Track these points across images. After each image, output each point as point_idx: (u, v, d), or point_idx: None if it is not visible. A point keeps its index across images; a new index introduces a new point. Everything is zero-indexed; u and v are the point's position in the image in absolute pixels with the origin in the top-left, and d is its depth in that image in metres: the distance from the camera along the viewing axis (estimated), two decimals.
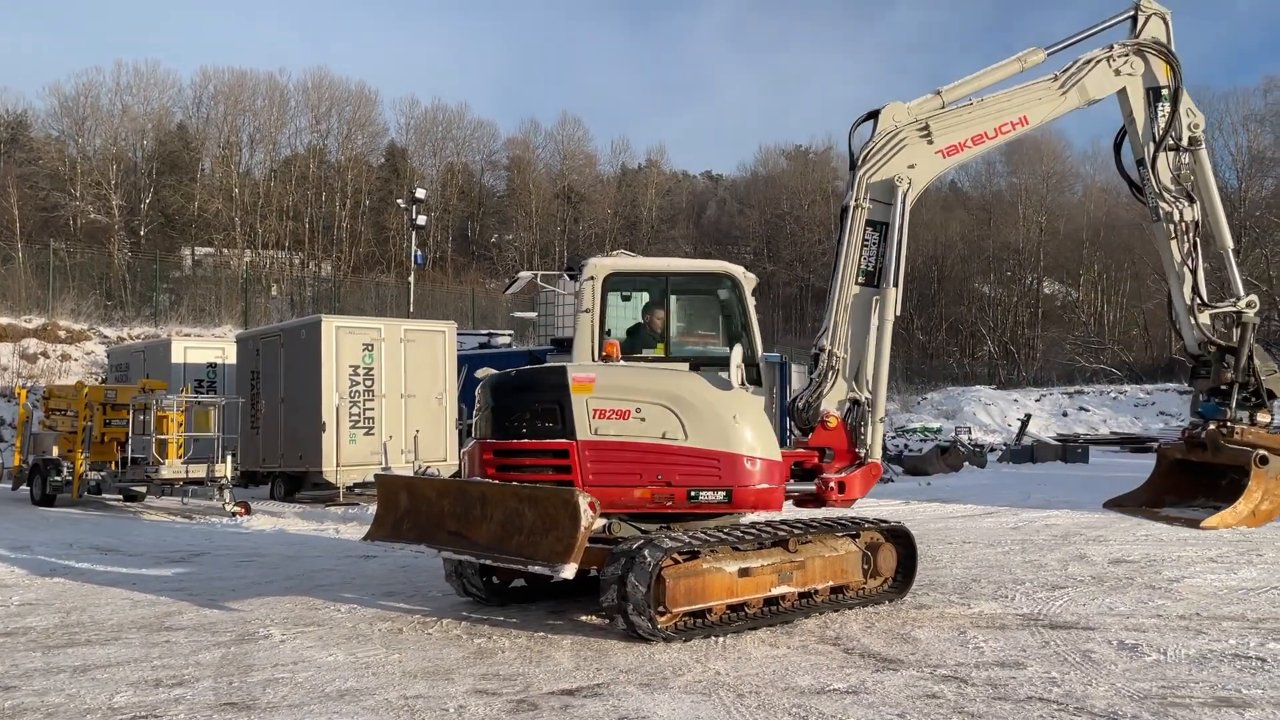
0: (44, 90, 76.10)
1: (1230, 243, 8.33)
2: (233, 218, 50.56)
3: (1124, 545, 11.65)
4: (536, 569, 6.58)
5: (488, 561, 7.12)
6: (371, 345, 17.12)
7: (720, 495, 7.15)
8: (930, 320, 56.57)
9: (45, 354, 27.13)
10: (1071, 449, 28.96)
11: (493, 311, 42.45)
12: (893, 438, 30.42)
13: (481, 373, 8.13)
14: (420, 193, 36.50)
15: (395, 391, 17.26)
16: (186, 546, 12.10)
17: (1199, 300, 8.08)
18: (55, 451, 17.37)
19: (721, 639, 6.83)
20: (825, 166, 64.41)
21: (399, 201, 41.44)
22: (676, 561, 6.78)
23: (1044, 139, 61.29)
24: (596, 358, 7.93)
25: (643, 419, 7.24)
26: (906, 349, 53.02)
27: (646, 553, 6.60)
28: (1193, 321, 8.10)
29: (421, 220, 35.73)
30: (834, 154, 65.74)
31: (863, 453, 7.74)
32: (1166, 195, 8.13)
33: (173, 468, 15.59)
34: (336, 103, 57.19)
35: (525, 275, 9.31)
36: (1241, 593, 8.47)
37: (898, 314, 8.00)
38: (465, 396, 19.38)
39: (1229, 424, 7.70)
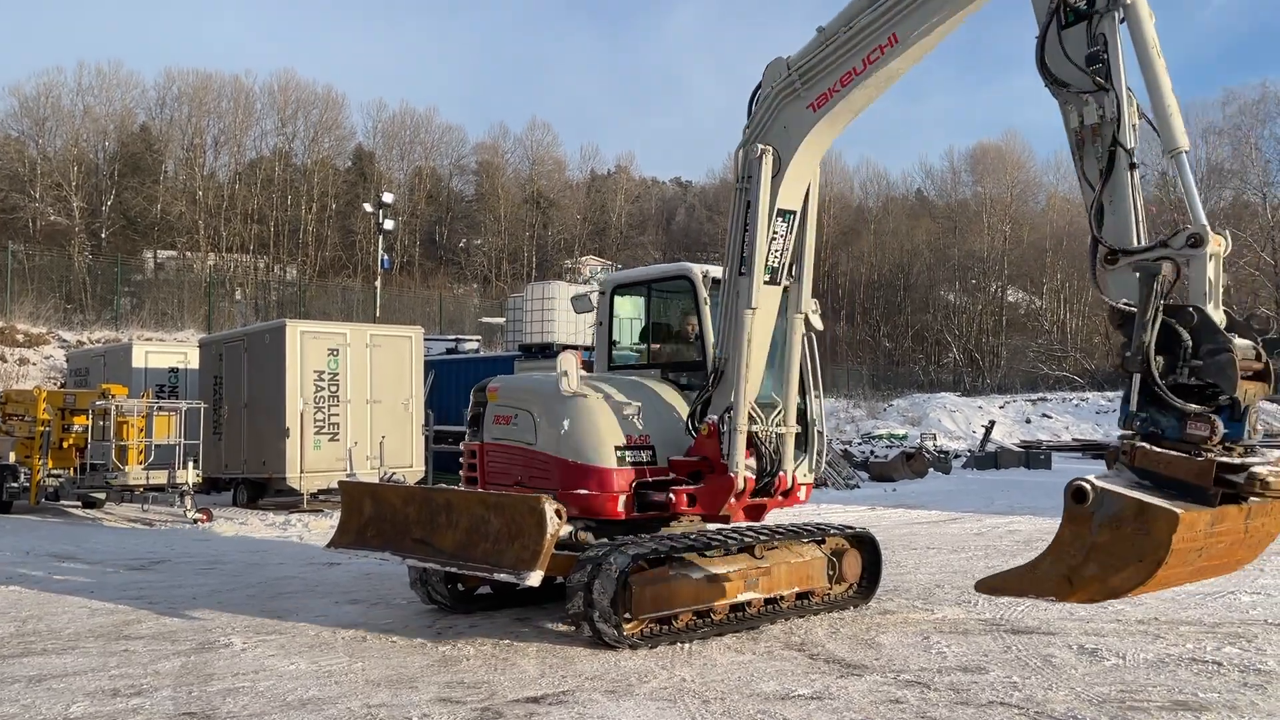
0: (3, 90, 74.88)
1: (1181, 143, 5.44)
2: (196, 220, 49.95)
3: None
4: (502, 576, 6.56)
5: (453, 569, 7.09)
6: (337, 350, 16.98)
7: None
8: (896, 327, 57.11)
9: (2, 358, 26.64)
10: (1035, 455, 29.29)
11: (460, 316, 42.28)
12: (859, 444, 30.61)
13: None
14: (388, 197, 36.25)
15: (361, 397, 17.13)
16: (147, 554, 11.92)
17: (1103, 246, 5.58)
18: (12, 457, 17.04)
19: (687, 646, 6.83)
20: None
21: (366, 205, 41.13)
22: (643, 568, 6.79)
23: (1008, 149, 62.23)
24: (607, 367, 8.52)
25: (516, 424, 7.91)
26: (874, 355, 53.50)
27: (613, 559, 6.60)
28: (1099, 278, 5.61)
29: (389, 224, 35.48)
30: None
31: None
32: (1067, 88, 5.74)
33: (133, 474, 15.36)
34: (303, 105, 56.75)
35: (589, 290, 9.01)
36: (1199, 598, 8.60)
37: (752, 307, 7.33)
38: (432, 402, 19.29)
39: (1133, 439, 4.98)
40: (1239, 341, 4.79)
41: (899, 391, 43.02)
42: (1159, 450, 4.80)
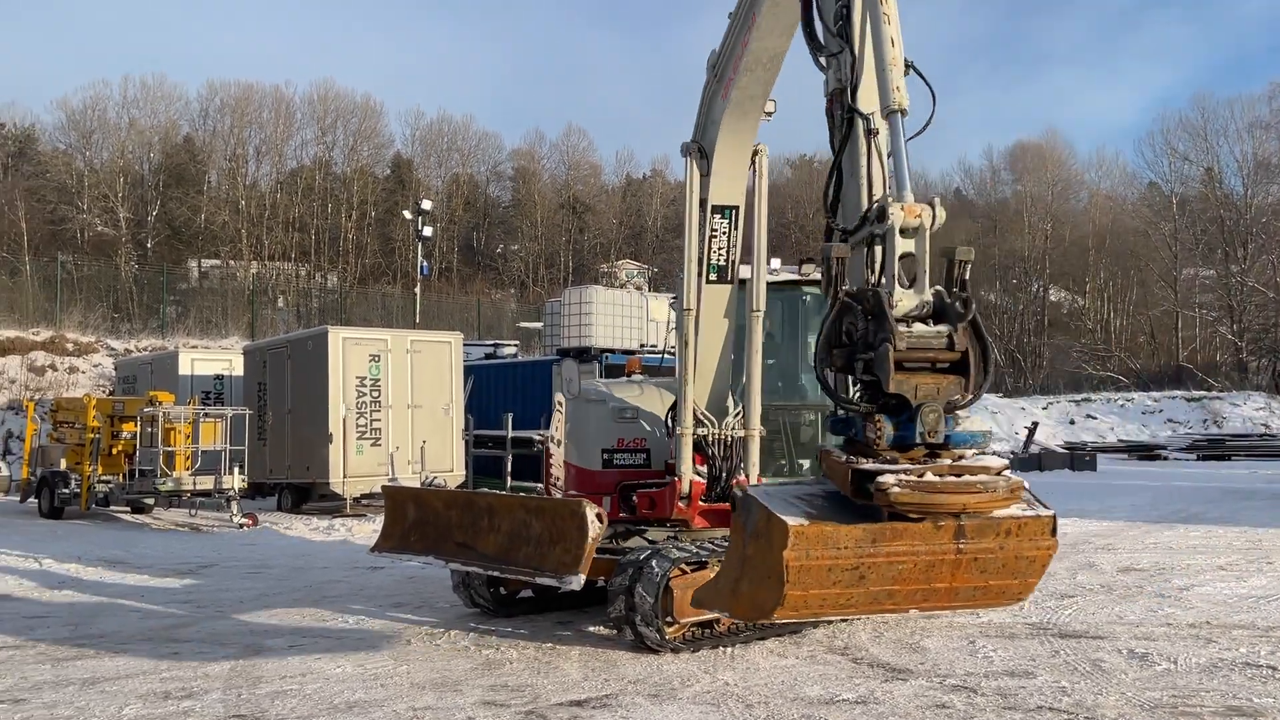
0: (51, 104, 76.56)
1: (893, 100, 4.78)
2: (239, 229, 50.70)
3: (1133, 553, 11.61)
4: (544, 580, 6.58)
5: (495, 573, 7.14)
6: (378, 356, 17.15)
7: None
8: None
9: (53, 366, 27.20)
10: (1079, 457, 28.87)
11: (498, 321, 42.50)
12: None
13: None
14: (426, 204, 36.60)
15: (402, 402, 17.28)
16: (195, 558, 12.11)
17: (832, 226, 5.21)
18: (63, 464, 17.41)
19: (729, 649, 6.81)
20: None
21: (405, 213, 41.55)
22: (684, 572, 6.78)
23: (1049, 146, 61.44)
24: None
25: (559, 427, 8.36)
26: None
27: (654, 563, 6.60)
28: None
29: (427, 231, 35.82)
30: None
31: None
32: (821, 52, 5.46)
33: (181, 479, 15.61)
34: (342, 114, 57.44)
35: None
36: (1252, 601, 8.42)
37: (687, 308, 7.27)
38: (472, 406, 19.42)
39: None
40: (919, 329, 4.22)
41: None
42: (831, 458, 4.43)
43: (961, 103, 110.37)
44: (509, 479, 17.88)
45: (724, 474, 7.44)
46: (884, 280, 4.38)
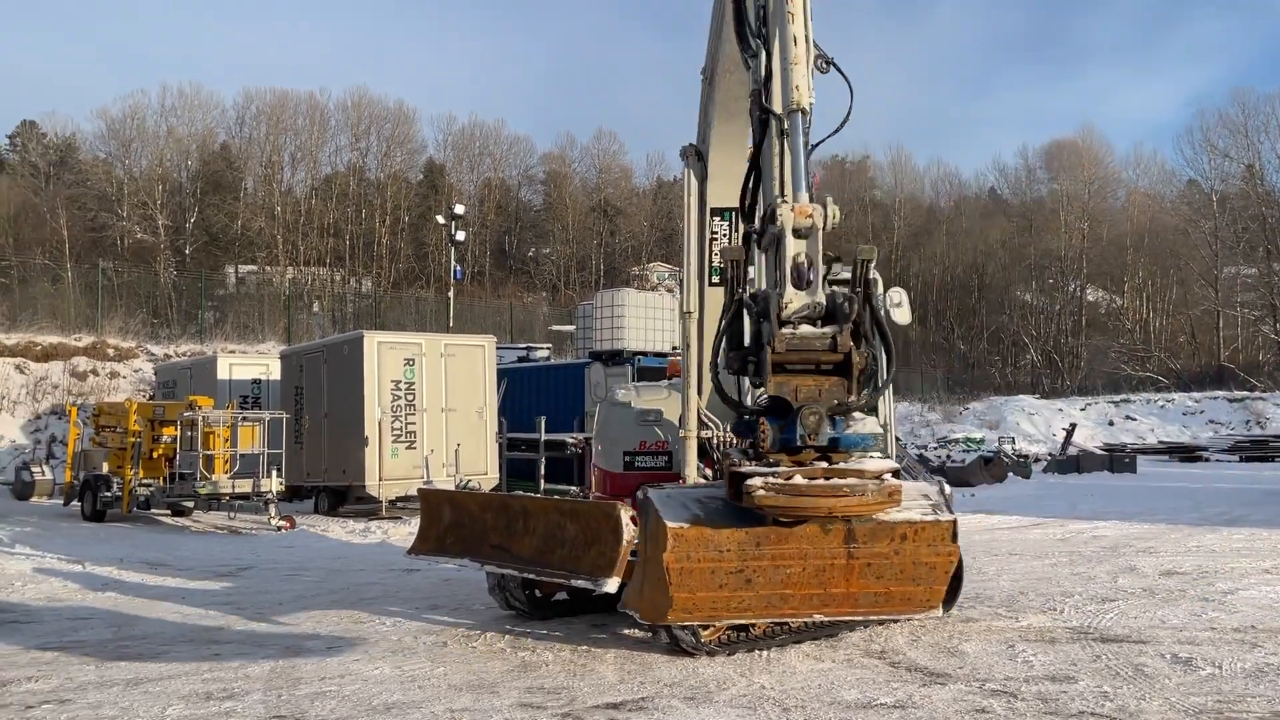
0: (92, 113, 77.90)
1: (794, 99, 4.72)
2: (275, 235, 51.31)
3: (1175, 557, 11.43)
4: (580, 582, 6.59)
5: (531, 575, 7.16)
6: (413, 360, 17.27)
7: None
8: (971, 329, 56.03)
9: (95, 372, 27.63)
10: (1119, 459, 28.48)
11: (530, 325, 42.65)
12: (934, 448, 30.12)
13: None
14: (459, 208, 36.78)
15: (436, 406, 17.39)
16: (234, 560, 12.25)
17: (751, 225, 5.18)
18: (105, 468, 17.66)
19: (765, 652, 6.79)
20: (862, 176, 64.15)
21: (438, 217, 41.80)
22: None
23: (1085, 144, 60.70)
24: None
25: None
26: (948, 358, 52.53)
27: None
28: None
29: (460, 236, 36.01)
30: (871, 163, 65.54)
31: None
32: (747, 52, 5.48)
33: (220, 483, 15.80)
34: (376, 121, 57.96)
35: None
36: None
37: (688, 311, 7.23)
38: (505, 410, 19.49)
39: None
40: (805, 330, 4.14)
41: (975, 394, 42.18)
42: (728, 461, 4.35)
43: (995, 101, 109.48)
44: (543, 482, 17.93)
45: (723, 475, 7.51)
46: (777, 281, 4.32)
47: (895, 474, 4.21)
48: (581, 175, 65.28)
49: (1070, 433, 31.75)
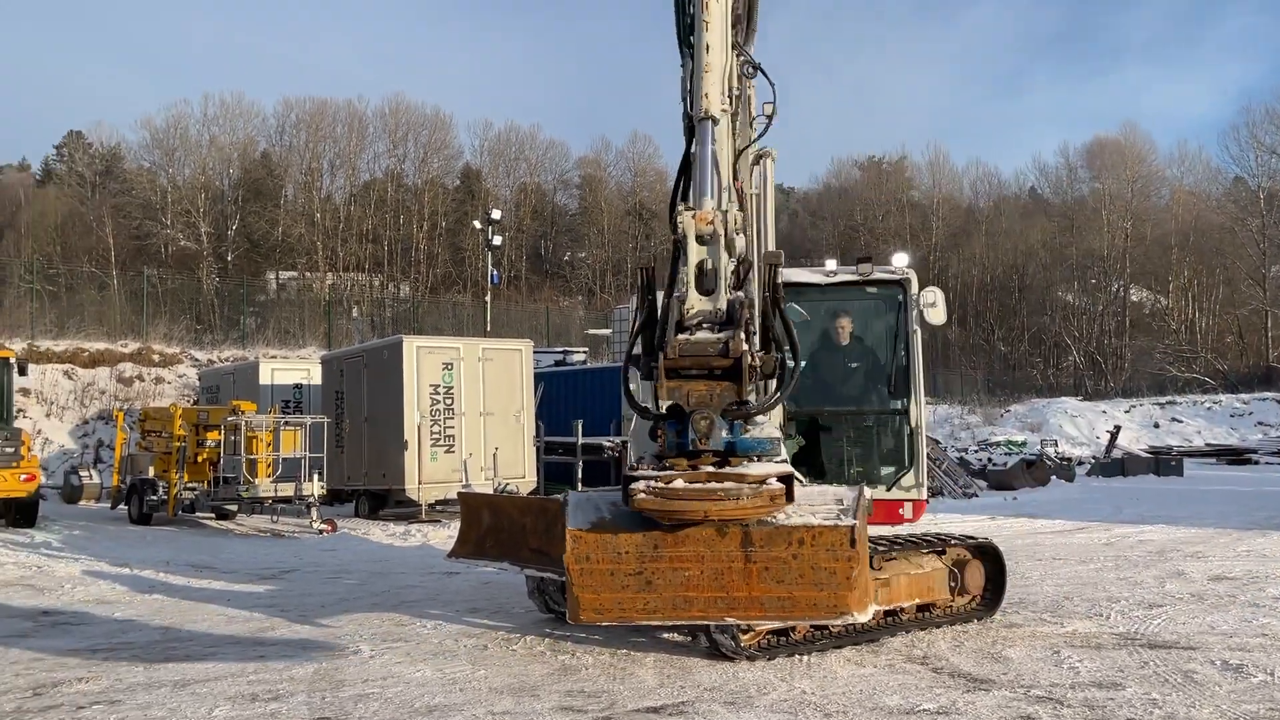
0: (136, 124, 79.37)
1: (705, 107, 4.85)
2: (315, 242, 51.98)
3: (1224, 561, 11.21)
4: None
5: None
6: (451, 364, 17.40)
7: None
8: (1012, 330, 55.40)
9: (140, 377, 28.13)
10: (1165, 461, 27.99)
11: (566, 329, 42.82)
12: (975, 451, 29.79)
13: None
14: (495, 213, 37.02)
15: (474, 409, 17.50)
16: (277, 563, 12.41)
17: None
18: (151, 471, 17.96)
19: (806, 657, 6.75)
20: (900, 176, 63.71)
21: (474, 222, 42.12)
22: None
23: (1127, 142, 59.83)
24: None
25: None
26: (988, 359, 51.99)
27: None
28: None
29: (497, 240, 36.24)
30: (908, 163, 65.08)
31: None
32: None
33: (263, 486, 15.99)
34: (413, 127, 58.52)
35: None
36: None
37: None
38: (542, 413, 19.57)
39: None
40: (701, 336, 4.17)
41: (1016, 396, 41.67)
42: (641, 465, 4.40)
43: (1034, 99, 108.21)
44: (580, 485, 17.97)
45: None
46: (681, 287, 4.39)
47: (787, 478, 4.23)
48: (617, 179, 65.49)
49: (1114, 435, 31.28)
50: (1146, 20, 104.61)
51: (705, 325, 4.22)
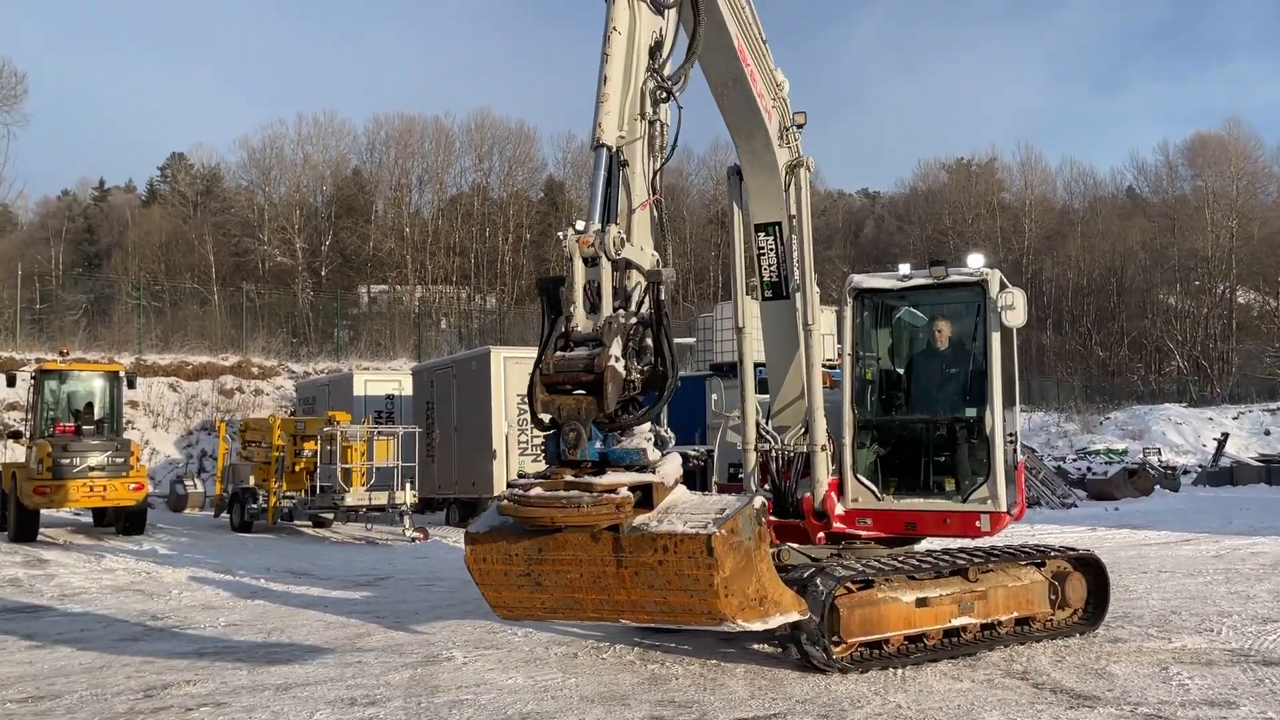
0: (234, 144, 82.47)
1: (597, 135, 5.14)
2: (404, 255, 53.10)
3: None
4: None
5: None
6: None
7: None
8: (1110, 335, 53.51)
9: (240, 389, 29.10)
10: (1276, 470, 26.73)
11: None
12: (1073, 460, 28.90)
13: None
14: (579, 224, 37.30)
15: None
16: (371, 570, 12.68)
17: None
18: (251, 480, 18.56)
19: (900, 671, 6.62)
20: (989, 178, 62.21)
21: (558, 234, 42.51)
22: (850, 590, 6.63)
23: (1231, 138, 57.44)
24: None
25: None
26: (1085, 365, 50.37)
27: (819, 581, 6.49)
28: None
29: None
30: (998, 165, 63.57)
31: None
32: None
33: (357, 495, 16.36)
34: (498, 141, 59.35)
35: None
36: None
37: (739, 326, 8.17)
38: None
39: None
40: (574, 353, 4.51)
41: (1116, 403, 40.23)
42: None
43: (1132, 96, 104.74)
44: None
45: (785, 487, 7.58)
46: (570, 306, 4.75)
47: (645, 487, 4.46)
48: (699, 187, 65.32)
49: (1222, 443, 29.98)
50: (1248, 14, 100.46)
51: (589, 343, 4.55)
